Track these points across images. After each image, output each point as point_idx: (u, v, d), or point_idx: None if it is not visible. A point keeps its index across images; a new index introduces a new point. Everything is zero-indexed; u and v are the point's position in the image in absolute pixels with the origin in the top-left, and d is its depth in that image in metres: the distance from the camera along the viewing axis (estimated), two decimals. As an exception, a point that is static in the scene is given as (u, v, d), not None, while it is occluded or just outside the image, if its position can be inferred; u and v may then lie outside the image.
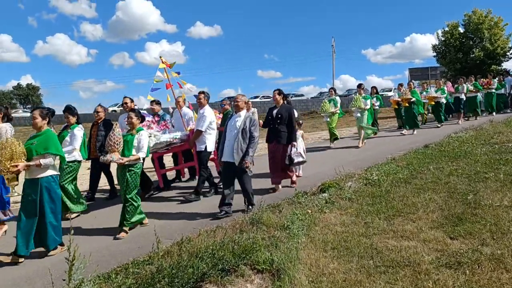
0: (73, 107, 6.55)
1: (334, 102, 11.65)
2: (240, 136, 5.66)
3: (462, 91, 15.08)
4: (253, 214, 5.02)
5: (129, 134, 5.51)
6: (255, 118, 5.81)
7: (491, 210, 4.83)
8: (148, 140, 5.72)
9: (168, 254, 4.02)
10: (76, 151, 6.23)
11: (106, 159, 5.25)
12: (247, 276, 3.40)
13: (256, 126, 5.82)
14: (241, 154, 5.61)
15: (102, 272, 3.85)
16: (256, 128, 5.81)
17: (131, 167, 5.31)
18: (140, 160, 5.41)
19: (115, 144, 5.23)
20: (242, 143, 5.65)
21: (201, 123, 6.84)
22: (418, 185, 6.22)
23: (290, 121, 6.84)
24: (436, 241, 4.10)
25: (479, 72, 24.90)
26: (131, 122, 5.55)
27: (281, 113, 6.89)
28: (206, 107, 7.03)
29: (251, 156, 5.71)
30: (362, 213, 5.18)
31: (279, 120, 6.85)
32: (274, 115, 6.98)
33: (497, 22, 28.72)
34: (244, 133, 5.68)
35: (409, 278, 3.38)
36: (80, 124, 6.47)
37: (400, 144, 11.02)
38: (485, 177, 6.25)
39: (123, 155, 5.28)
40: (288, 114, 6.85)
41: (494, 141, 9.37)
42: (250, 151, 5.67)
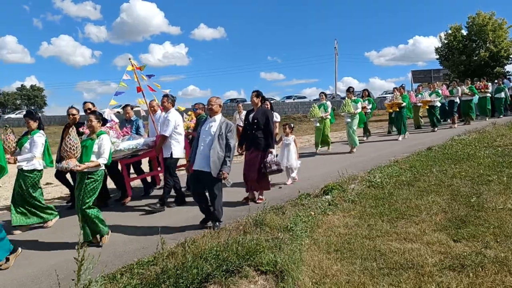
0: (35, 111, 6.19)
1: (324, 107, 11.26)
2: (216, 143, 5.15)
3: (457, 94, 14.90)
4: (257, 216, 5.03)
5: (88, 139, 5.10)
6: (232, 124, 5.38)
7: (495, 212, 4.84)
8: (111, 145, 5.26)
9: (172, 255, 4.04)
10: (37, 160, 5.74)
11: (61, 166, 4.83)
12: (250, 277, 3.42)
13: (233, 132, 5.32)
14: (217, 163, 5.10)
15: (107, 272, 3.88)
16: (232, 135, 5.30)
17: (91, 174, 4.89)
18: (101, 167, 5.00)
19: (71, 150, 4.81)
20: (219, 150, 5.14)
21: (164, 128, 6.51)
22: (421, 188, 6.23)
23: (267, 126, 6.35)
24: (440, 243, 4.10)
25: (482, 74, 24.85)
26: (91, 126, 5.11)
27: (257, 118, 6.37)
28: (171, 110, 6.67)
29: (229, 166, 5.19)
30: (365, 215, 5.19)
31: (255, 125, 6.36)
32: (250, 119, 6.49)
33: (501, 24, 28.65)
34: (221, 140, 5.19)
35: (413, 281, 3.38)
36: (42, 130, 5.96)
37: (403, 147, 11.02)
38: (489, 180, 6.25)
39: (81, 161, 4.86)
40: (265, 118, 6.35)
41: (497, 144, 9.37)
42: (227, 161, 5.15)
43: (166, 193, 6.50)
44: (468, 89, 15.36)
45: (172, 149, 6.50)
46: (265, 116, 6.36)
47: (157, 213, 6.28)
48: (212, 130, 5.25)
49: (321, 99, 11.57)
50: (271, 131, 6.41)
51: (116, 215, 6.35)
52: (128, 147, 6.47)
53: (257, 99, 6.49)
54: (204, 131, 5.37)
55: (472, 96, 15.36)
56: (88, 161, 4.88)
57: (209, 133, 5.26)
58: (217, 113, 5.39)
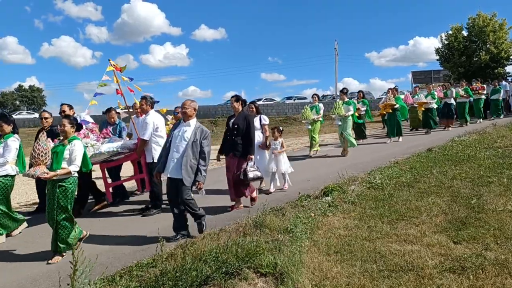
0: (8, 114, 5.96)
1: (316, 109, 11.01)
2: (189, 150, 4.86)
3: (451, 96, 14.61)
4: (257, 217, 5.02)
5: (60, 145, 4.78)
6: (208, 130, 5.10)
7: (495, 214, 4.82)
8: (84, 151, 4.97)
9: (171, 257, 4.04)
10: (9, 165, 5.49)
11: (28, 173, 4.62)
12: (250, 279, 3.41)
13: (208, 139, 5.03)
14: (190, 171, 4.84)
15: (106, 274, 3.87)
16: (208, 142, 5.01)
17: (62, 182, 4.59)
18: (72, 174, 4.69)
19: (39, 156, 4.58)
20: (192, 158, 4.86)
21: (143, 131, 6.30)
22: (421, 189, 6.21)
23: (247, 132, 6.10)
24: (440, 245, 4.09)
25: (483, 76, 24.85)
26: (63, 130, 4.81)
27: (237, 123, 6.16)
28: (150, 113, 6.42)
29: (205, 176, 4.93)
30: (365, 217, 5.17)
31: (235, 130, 6.15)
32: (230, 125, 6.29)
33: (502, 25, 28.64)
34: (195, 147, 4.89)
35: (413, 283, 3.37)
36: (16, 134, 5.75)
37: (403, 148, 11.01)
38: (489, 181, 6.24)
39: (52, 169, 4.59)
40: (246, 124, 6.12)
41: (497, 145, 9.35)
42: (202, 170, 4.88)
43: (154, 198, 6.38)
44: (463, 91, 15.22)
45: (153, 153, 6.29)
46: (246, 122, 6.14)
47: (155, 215, 6.26)
48: (185, 136, 4.94)
49: (314, 101, 11.36)
50: (252, 137, 6.15)
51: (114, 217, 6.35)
52: (108, 150, 6.25)
53: (237, 104, 6.27)
54: (176, 136, 5.03)
55: (467, 98, 15.19)
56: (59, 168, 4.58)
57: (182, 139, 4.95)
58: (191, 117, 5.08)
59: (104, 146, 6.22)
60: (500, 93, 16.80)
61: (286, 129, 17.09)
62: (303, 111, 11.05)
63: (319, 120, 11.10)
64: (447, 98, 14.54)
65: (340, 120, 10.75)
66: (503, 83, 18.24)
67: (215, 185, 7.62)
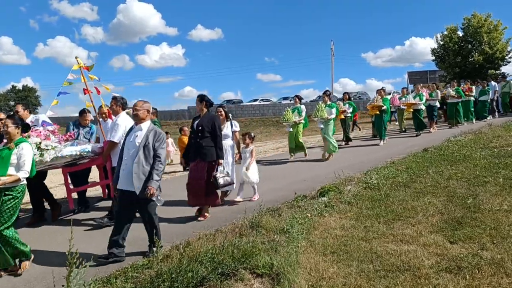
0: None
1: (298, 111, 10.71)
2: (141, 155, 4.37)
3: (436, 97, 14.27)
4: (253, 218, 5.00)
5: (5, 148, 4.29)
6: (162, 132, 4.64)
7: (491, 214, 4.83)
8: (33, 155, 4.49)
9: (167, 258, 4.01)
10: None
11: None
12: (246, 280, 3.39)
13: (163, 142, 4.55)
14: (143, 179, 4.34)
15: (101, 276, 3.84)
16: (162, 145, 4.53)
17: (8, 191, 4.14)
18: (21, 182, 4.24)
19: None
20: (144, 164, 4.37)
21: (113, 133, 5.76)
22: (417, 189, 6.22)
23: (214, 134, 5.76)
24: (436, 245, 4.09)
25: (478, 76, 24.95)
26: (7, 132, 4.33)
27: (202, 124, 5.77)
28: (120, 114, 5.91)
29: (157, 180, 4.39)
30: (361, 217, 5.17)
31: (200, 132, 5.76)
32: (195, 126, 5.89)
33: (497, 25, 28.79)
34: (147, 151, 4.39)
35: (409, 283, 3.37)
36: None
37: (399, 148, 11.03)
38: (485, 181, 6.26)
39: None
40: (212, 125, 5.77)
41: (493, 145, 9.39)
42: (155, 175, 4.35)
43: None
44: (455, 92, 15.02)
45: None
46: (212, 123, 5.78)
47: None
48: (137, 141, 4.45)
49: (295, 103, 11.03)
50: (219, 140, 5.81)
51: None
52: (71, 153, 5.78)
53: (201, 104, 5.88)
54: (128, 142, 4.56)
55: (458, 99, 14.96)
56: (5, 175, 4.11)
57: (133, 145, 4.46)
58: (144, 120, 4.59)
59: (67, 149, 5.76)
60: (489, 95, 16.41)
61: (282, 129, 17.10)
62: (285, 113, 10.65)
63: (302, 122, 10.77)
64: (432, 99, 14.19)
65: (322, 123, 10.42)
66: (492, 83, 17.83)
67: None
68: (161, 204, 4.69)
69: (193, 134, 5.93)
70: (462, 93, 15.08)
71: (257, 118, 34.50)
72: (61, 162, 5.83)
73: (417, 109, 13.66)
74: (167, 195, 7.17)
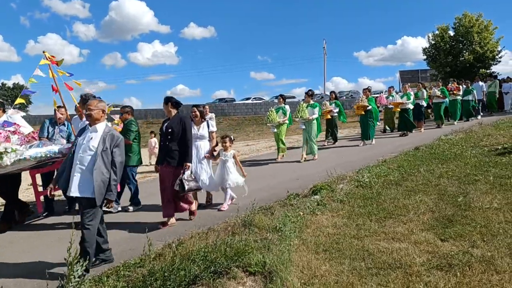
0: None
1: (283, 110, 10.40)
2: (100, 161, 3.98)
3: (422, 97, 14.14)
4: (245, 216, 5.00)
5: None
6: (120, 136, 4.25)
7: (481, 212, 4.88)
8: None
9: (159, 257, 4.00)
10: None
11: None
12: (239, 278, 3.39)
13: (121, 147, 4.17)
14: (102, 187, 3.98)
15: (93, 274, 3.82)
16: (120, 151, 4.15)
17: None
18: None
19: None
20: (105, 171, 4.00)
21: None
22: (409, 187, 6.26)
23: (183, 136, 5.48)
24: (427, 243, 4.12)
25: (468, 75, 25.15)
26: None
27: (171, 127, 5.50)
28: None
29: (114, 191, 4.09)
30: (353, 215, 5.19)
31: (169, 135, 5.49)
32: (164, 129, 5.62)
33: (487, 25, 29.05)
34: (105, 157, 4.02)
35: (401, 280, 3.39)
36: None
37: (391, 147, 11.09)
38: (475, 179, 6.31)
39: None
40: (182, 128, 5.49)
41: (483, 144, 9.47)
42: (113, 186, 4.05)
43: None
44: (440, 91, 14.88)
45: None
46: (181, 125, 5.50)
47: (142, 213, 6.17)
48: (92, 144, 4.05)
49: (279, 103, 10.72)
50: (188, 143, 5.49)
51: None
52: (35, 155, 5.39)
53: (167, 106, 5.60)
54: (80, 144, 4.13)
55: (443, 99, 14.84)
56: None
57: (87, 148, 4.06)
58: (98, 121, 4.19)
59: (30, 151, 5.38)
60: (473, 94, 16.13)
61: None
62: (268, 113, 10.37)
63: (285, 122, 10.51)
64: (418, 99, 14.05)
65: (304, 124, 10.07)
66: (479, 83, 17.66)
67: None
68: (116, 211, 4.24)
69: (162, 137, 5.64)
70: (447, 92, 14.92)
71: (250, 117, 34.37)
72: (25, 165, 5.44)
73: (405, 108, 13.46)
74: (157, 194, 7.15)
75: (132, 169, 6.56)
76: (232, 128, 31.11)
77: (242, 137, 24.34)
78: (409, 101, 13.40)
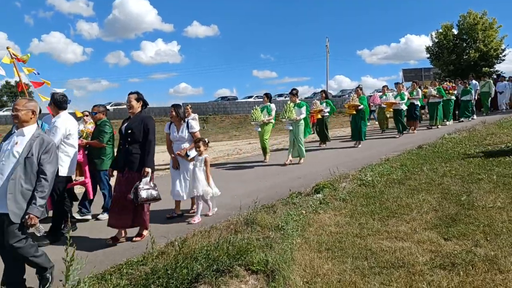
0: None
1: (268, 110, 9.92)
2: (20, 170, 3.39)
3: (417, 96, 13.66)
4: (248, 215, 5.00)
5: None
6: (51, 141, 3.68)
7: (485, 211, 4.86)
8: None
9: (162, 255, 4.00)
10: None
11: None
12: (241, 276, 3.39)
13: (51, 153, 3.55)
14: (20, 202, 3.36)
15: (96, 272, 3.82)
16: (50, 159, 3.53)
17: None
18: None
19: None
20: (23, 182, 3.39)
21: (50, 136, 4.84)
22: (412, 186, 6.25)
23: (145, 138, 4.88)
24: (430, 242, 4.11)
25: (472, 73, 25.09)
26: None
27: (132, 127, 4.90)
28: (61, 114, 5.34)
29: (41, 206, 3.40)
30: (356, 214, 5.18)
31: (129, 137, 4.89)
32: (123, 130, 5.00)
33: (492, 23, 28.94)
34: (29, 166, 3.42)
35: (404, 279, 3.38)
36: None
37: (393, 145, 11.07)
38: (479, 178, 6.29)
39: None
40: (144, 128, 4.89)
41: (487, 143, 9.45)
42: (39, 198, 3.38)
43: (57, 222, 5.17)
44: (436, 91, 14.44)
45: (60, 164, 4.92)
46: (144, 125, 4.91)
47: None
48: (16, 150, 3.47)
49: (264, 102, 10.28)
50: (150, 146, 4.89)
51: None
52: None
53: (137, 104, 5.06)
54: (4, 150, 3.54)
55: (440, 98, 14.45)
56: None
57: (10, 154, 3.46)
58: (27, 123, 3.63)
59: None
60: (472, 94, 15.80)
61: (277, 126, 17.05)
62: (253, 111, 9.87)
63: (270, 122, 10.07)
64: (413, 98, 13.58)
65: (291, 125, 9.44)
66: (473, 82, 17.19)
67: None
68: (41, 234, 3.57)
69: (121, 140, 5.04)
70: (443, 92, 14.56)
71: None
72: None
73: (398, 109, 12.99)
74: (163, 191, 7.14)
75: (105, 173, 5.96)
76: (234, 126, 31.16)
77: (245, 135, 24.37)
78: (403, 101, 12.98)
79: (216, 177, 6.99)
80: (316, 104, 12.15)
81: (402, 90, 13.41)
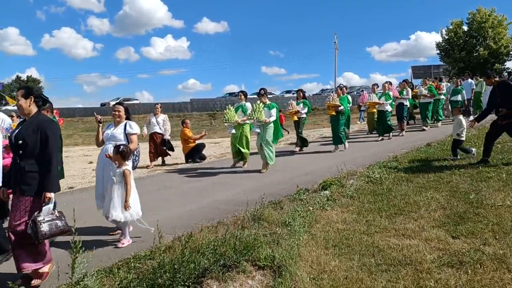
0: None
1: (243, 109, 9.03)
2: None
3: (407, 95, 12.91)
4: (255, 211, 5.01)
5: None
6: None
7: (493, 209, 4.82)
8: None
9: (169, 249, 4.03)
10: None
11: None
12: (248, 272, 3.40)
13: None
14: None
15: (104, 266, 3.86)
16: None
17: None
18: None
19: None
20: None
21: None
22: (420, 184, 6.21)
23: (43, 150, 3.59)
24: (438, 240, 4.08)
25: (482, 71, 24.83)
26: None
27: (23, 137, 3.57)
28: None
29: None
30: (363, 211, 5.17)
31: (21, 149, 3.58)
32: (13, 139, 3.66)
33: (501, 20, 28.61)
34: None
35: (411, 277, 3.36)
36: None
37: (401, 143, 11.00)
38: (488, 177, 6.24)
39: None
40: (40, 136, 3.60)
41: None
42: None
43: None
44: (427, 90, 13.77)
45: None
46: (41, 133, 3.61)
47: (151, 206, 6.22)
48: None
49: (240, 100, 9.40)
50: (50, 161, 3.56)
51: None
52: None
53: (27, 101, 3.69)
54: None
55: (431, 98, 13.76)
56: None
57: None
58: None
59: None
60: (462, 94, 14.80)
61: (286, 122, 17.00)
62: (226, 111, 8.91)
63: (247, 123, 9.07)
64: (402, 98, 12.83)
65: (259, 127, 8.45)
66: (468, 80, 16.26)
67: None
68: None
69: (12, 152, 3.82)
70: (434, 91, 13.85)
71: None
72: None
73: (382, 110, 12.18)
74: (169, 187, 7.19)
75: None
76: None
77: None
78: (388, 101, 12.15)
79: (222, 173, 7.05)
80: (292, 104, 10.90)
81: (388, 89, 12.52)
